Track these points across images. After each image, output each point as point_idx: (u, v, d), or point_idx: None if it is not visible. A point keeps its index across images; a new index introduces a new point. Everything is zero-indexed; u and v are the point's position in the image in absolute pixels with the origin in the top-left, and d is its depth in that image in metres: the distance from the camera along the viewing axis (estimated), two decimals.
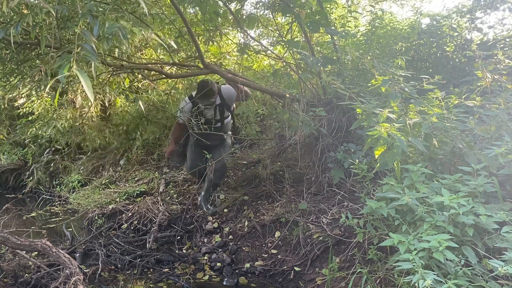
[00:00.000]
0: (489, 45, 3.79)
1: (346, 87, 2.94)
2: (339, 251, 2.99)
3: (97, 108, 5.76)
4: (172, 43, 2.36)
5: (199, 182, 4.42)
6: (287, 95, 3.51)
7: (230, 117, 4.39)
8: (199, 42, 4.19)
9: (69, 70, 1.55)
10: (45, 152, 6.65)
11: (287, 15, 3.59)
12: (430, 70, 4.06)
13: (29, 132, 6.16)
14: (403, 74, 2.76)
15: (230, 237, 3.82)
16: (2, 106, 6.04)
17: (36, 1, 1.79)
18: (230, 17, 4.10)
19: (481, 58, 2.96)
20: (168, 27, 4.34)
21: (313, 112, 3.23)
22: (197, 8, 3.80)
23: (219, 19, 3.99)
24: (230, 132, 4.50)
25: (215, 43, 4.72)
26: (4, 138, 6.90)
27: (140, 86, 5.50)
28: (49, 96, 5.12)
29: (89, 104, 5.44)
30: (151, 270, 3.46)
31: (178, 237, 4.04)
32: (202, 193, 4.23)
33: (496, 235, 1.93)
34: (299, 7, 3.30)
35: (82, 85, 1.55)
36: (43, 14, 2.20)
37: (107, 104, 5.83)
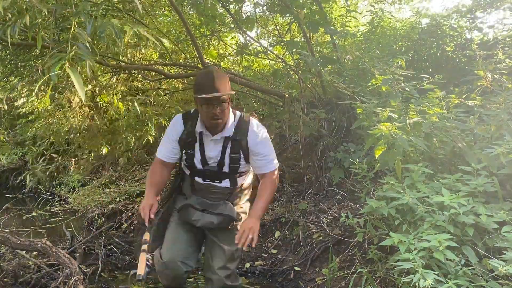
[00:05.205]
0: (490, 44, 3.77)
1: (346, 86, 2.94)
2: (339, 251, 2.99)
3: (92, 109, 5.71)
4: (166, 42, 2.34)
5: None
6: (287, 95, 3.50)
7: (248, 175, 2.40)
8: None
9: (62, 68, 1.54)
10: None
11: (286, 15, 3.59)
12: (430, 70, 4.05)
13: (29, 132, 6.15)
14: (403, 73, 2.75)
15: None
16: (3, 109, 6.03)
17: (34, 1, 1.78)
18: (229, 19, 4.09)
19: (481, 57, 2.95)
20: (168, 28, 4.34)
21: (314, 113, 3.23)
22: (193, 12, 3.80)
23: (216, 20, 3.97)
24: (244, 206, 2.41)
25: (211, 47, 4.68)
26: (5, 139, 6.88)
27: (140, 86, 5.47)
28: (45, 95, 5.09)
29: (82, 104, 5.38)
30: None
31: None
32: None
33: (496, 235, 1.93)
34: (298, 7, 3.30)
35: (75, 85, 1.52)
36: (41, 14, 2.19)
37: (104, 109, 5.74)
